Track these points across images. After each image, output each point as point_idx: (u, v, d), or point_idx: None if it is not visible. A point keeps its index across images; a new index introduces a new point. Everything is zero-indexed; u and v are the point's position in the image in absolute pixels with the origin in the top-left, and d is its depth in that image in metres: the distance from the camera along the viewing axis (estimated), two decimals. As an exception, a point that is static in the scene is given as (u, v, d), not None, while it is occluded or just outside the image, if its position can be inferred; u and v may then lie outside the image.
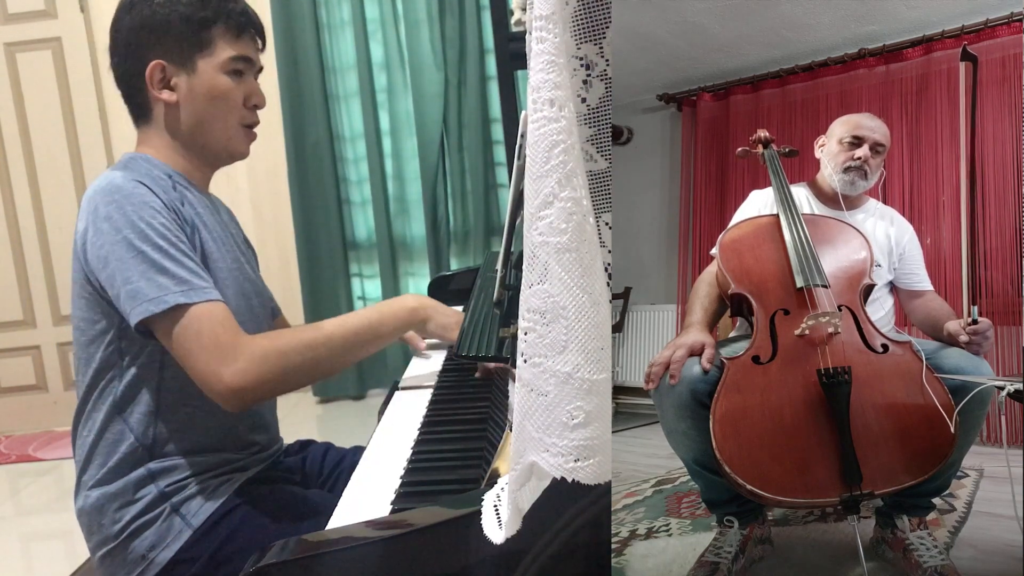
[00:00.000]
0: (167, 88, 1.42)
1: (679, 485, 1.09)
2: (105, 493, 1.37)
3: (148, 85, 1.41)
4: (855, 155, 1.09)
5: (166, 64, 1.41)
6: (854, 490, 0.91)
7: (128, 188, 1.30)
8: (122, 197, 1.29)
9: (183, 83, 1.42)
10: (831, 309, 0.99)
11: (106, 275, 1.29)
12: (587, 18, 0.77)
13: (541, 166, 0.71)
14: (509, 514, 0.78)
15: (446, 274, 2.22)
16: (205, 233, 1.40)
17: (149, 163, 1.42)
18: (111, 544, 1.37)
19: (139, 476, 1.37)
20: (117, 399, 1.37)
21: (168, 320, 1.26)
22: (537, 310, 0.71)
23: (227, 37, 1.43)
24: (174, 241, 1.29)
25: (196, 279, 1.28)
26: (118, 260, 1.27)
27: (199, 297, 1.27)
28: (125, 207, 1.28)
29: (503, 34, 2.48)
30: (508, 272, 1.64)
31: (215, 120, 1.44)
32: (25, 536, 3.09)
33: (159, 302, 1.25)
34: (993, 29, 1.07)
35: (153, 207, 1.30)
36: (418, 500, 1.02)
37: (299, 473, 1.60)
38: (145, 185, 1.31)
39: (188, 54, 1.41)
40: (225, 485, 1.41)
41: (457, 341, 1.51)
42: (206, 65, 1.42)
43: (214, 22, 1.42)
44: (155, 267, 1.26)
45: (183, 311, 1.26)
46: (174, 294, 1.26)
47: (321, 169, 3.80)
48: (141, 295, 1.26)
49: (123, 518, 1.36)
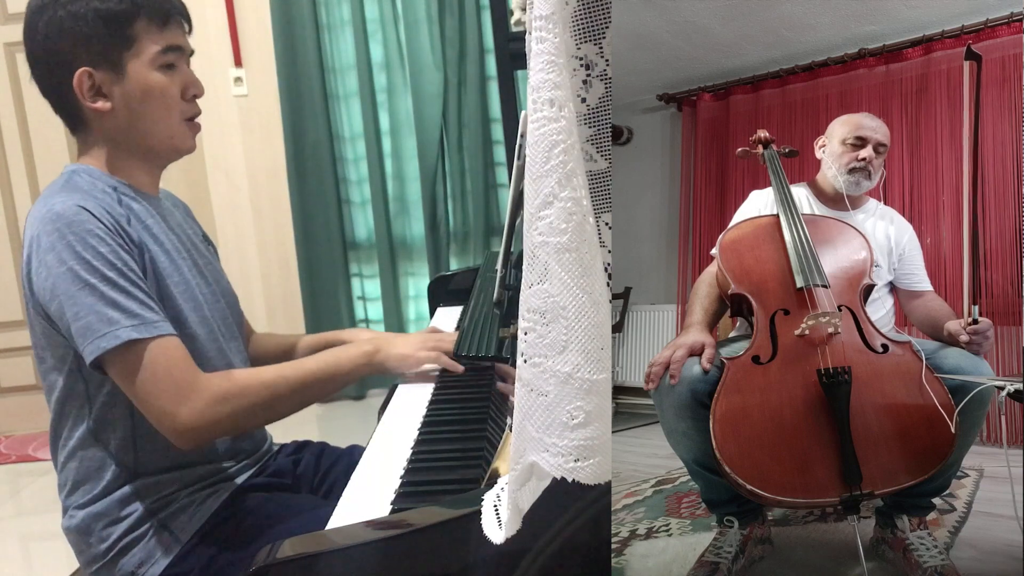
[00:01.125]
0: (99, 96, 1.33)
1: (679, 485, 1.09)
2: (91, 513, 1.34)
3: (78, 95, 1.32)
4: (860, 156, 1.09)
5: (93, 71, 1.31)
6: (854, 490, 0.91)
7: (69, 215, 1.23)
8: (64, 225, 1.22)
9: (115, 88, 1.32)
10: (831, 309, 0.99)
11: (55, 308, 1.24)
12: (587, 18, 0.77)
13: (541, 166, 0.71)
14: (509, 514, 0.78)
15: (446, 274, 2.22)
16: (155, 247, 1.33)
17: (91, 176, 1.34)
18: (99, 563, 1.34)
19: (124, 495, 1.33)
20: (92, 427, 1.33)
21: (121, 357, 1.22)
22: (537, 310, 0.71)
23: (151, 29, 1.33)
24: (122, 269, 1.23)
25: (147, 312, 1.23)
26: (65, 294, 1.21)
27: (151, 332, 1.22)
28: (67, 236, 1.22)
29: (503, 34, 2.48)
30: (508, 272, 1.64)
31: (155, 120, 1.35)
32: (25, 536, 3.09)
33: (111, 337, 1.20)
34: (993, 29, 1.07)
35: (98, 234, 1.23)
36: (418, 500, 1.01)
37: (290, 476, 1.56)
38: (87, 210, 1.24)
39: (114, 56, 1.31)
40: (212, 497, 1.38)
41: (456, 341, 1.51)
42: (135, 64, 1.32)
43: (135, 16, 1.31)
44: (104, 300, 1.21)
45: (136, 347, 1.21)
46: (125, 328, 1.21)
47: (321, 169, 3.80)
48: (92, 331, 1.21)
49: (110, 536, 1.33)
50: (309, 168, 3.80)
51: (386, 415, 1.37)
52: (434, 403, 1.37)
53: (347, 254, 3.93)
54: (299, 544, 0.87)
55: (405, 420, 1.32)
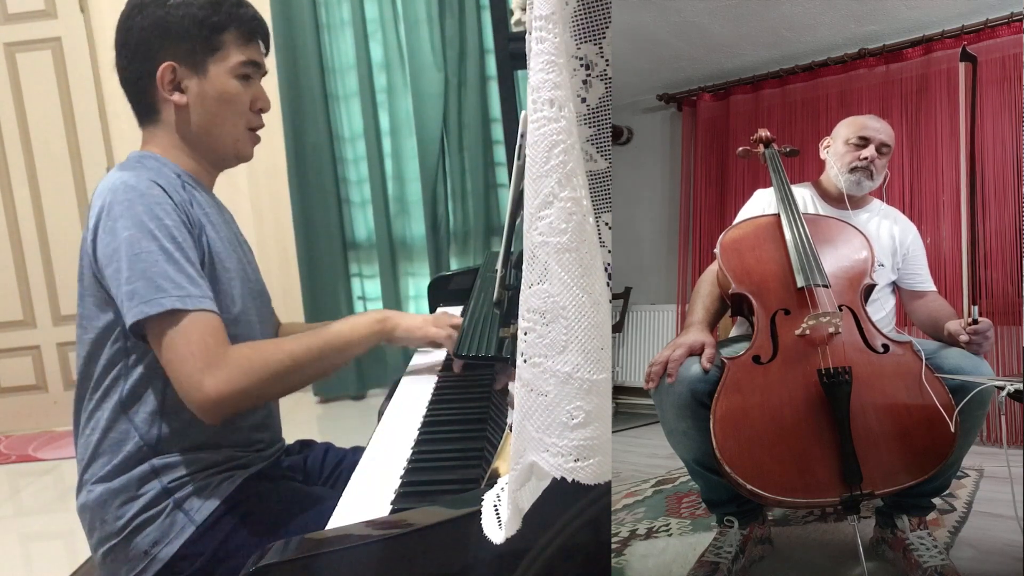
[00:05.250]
0: (177, 90, 1.43)
1: (679, 485, 1.09)
2: (108, 489, 1.37)
3: (158, 86, 1.43)
4: (861, 155, 1.10)
5: (177, 66, 1.42)
6: (854, 490, 0.91)
7: (142, 187, 1.32)
8: (136, 196, 1.31)
9: (193, 85, 1.43)
10: (832, 309, 0.99)
11: (111, 271, 1.30)
12: (587, 18, 0.77)
13: (541, 166, 0.71)
14: (509, 514, 0.78)
15: (446, 274, 2.22)
16: (213, 233, 1.41)
17: (159, 162, 1.43)
18: (113, 540, 1.37)
19: (142, 472, 1.37)
20: (123, 398, 1.38)
21: (161, 323, 1.27)
22: (537, 310, 0.71)
23: (238, 42, 1.46)
24: (181, 243, 1.31)
25: (194, 287, 1.29)
26: (124, 259, 1.28)
27: (194, 305, 1.28)
28: (137, 206, 1.30)
29: (503, 34, 2.48)
30: (508, 272, 1.64)
31: (224, 123, 1.46)
32: (25, 536, 3.09)
33: (154, 304, 1.26)
34: (993, 29, 1.07)
35: (165, 208, 1.31)
36: (418, 500, 1.01)
37: (301, 472, 1.60)
38: (159, 185, 1.33)
39: (200, 57, 1.43)
40: (227, 482, 1.41)
41: (456, 341, 1.51)
42: (217, 69, 1.44)
43: (226, 27, 1.44)
44: (157, 268, 1.27)
45: (177, 316, 1.27)
46: (171, 298, 1.27)
47: (321, 169, 3.80)
48: (138, 296, 1.27)
49: (126, 514, 1.36)
50: (309, 168, 3.80)
51: (386, 415, 1.38)
52: (434, 403, 1.37)
53: (347, 254, 3.93)
54: (299, 544, 0.87)
55: (405, 420, 1.32)
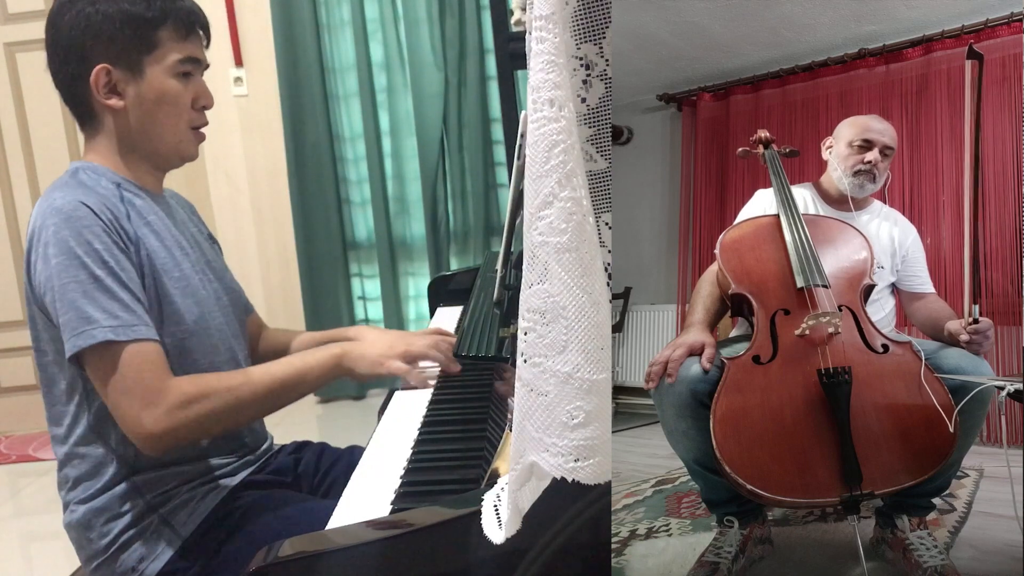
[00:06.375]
0: (113, 93, 1.35)
1: (679, 485, 1.09)
2: (91, 508, 1.34)
3: (93, 90, 1.35)
4: (865, 159, 1.09)
5: (111, 68, 1.34)
6: (854, 490, 0.91)
7: (68, 210, 1.26)
8: (62, 220, 1.25)
9: (130, 88, 1.36)
10: (831, 309, 0.99)
11: (48, 300, 1.26)
12: (587, 18, 0.77)
13: (541, 166, 0.71)
14: (509, 514, 0.78)
15: (446, 274, 2.22)
16: (155, 243, 1.35)
17: (95, 173, 1.37)
18: (100, 558, 1.35)
19: (124, 490, 1.34)
20: (92, 422, 1.33)
21: (95, 356, 1.24)
22: (537, 310, 0.71)
23: (175, 38, 1.37)
24: (112, 268, 1.25)
25: (127, 314, 1.25)
26: (56, 288, 1.24)
27: (128, 335, 1.23)
28: (64, 231, 1.25)
29: (503, 34, 2.48)
30: (508, 272, 1.64)
31: (164, 125, 1.38)
32: (25, 536, 3.09)
33: (86, 336, 1.22)
34: (993, 29, 1.07)
35: (94, 231, 1.26)
36: (418, 500, 1.01)
37: (291, 474, 1.56)
38: (86, 206, 1.27)
39: (135, 58, 1.35)
40: (213, 493, 1.38)
41: (456, 341, 1.51)
42: (154, 69, 1.36)
43: (162, 23, 1.35)
44: (87, 297, 1.23)
45: (111, 348, 1.23)
46: (102, 329, 1.22)
47: (321, 169, 3.80)
48: (71, 327, 1.23)
49: (111, 531, 1.33)
50: (309, 168, 3.80)
51: (386, 415, 1.37)
52: (434, 403, 1.37)
53: (347, 254, 3.93)
54: (299, 544, 0.87)
55: (405, 420, 1.32)
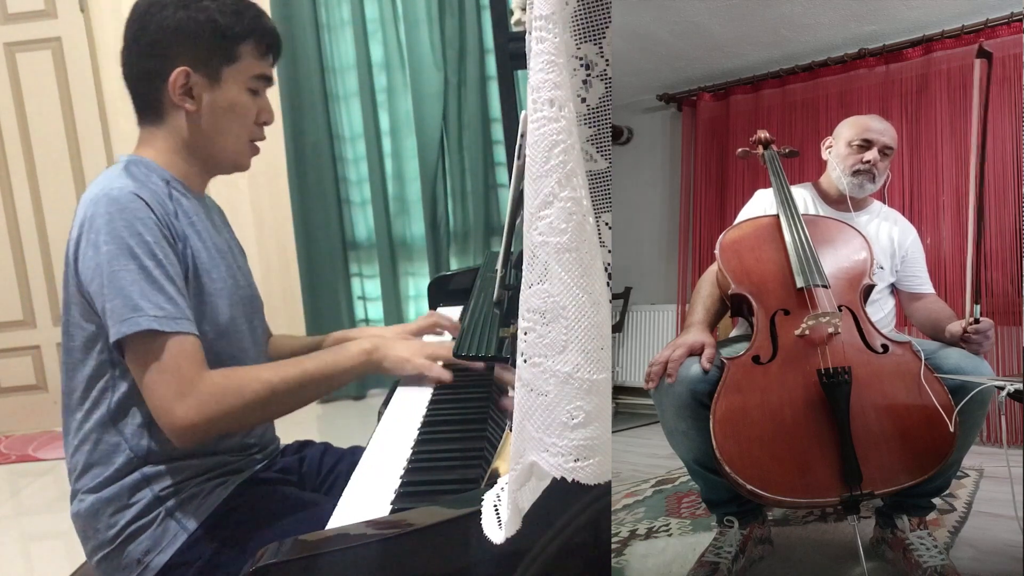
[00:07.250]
0: (188, 96, 1.40)
1: (679, 485, 1.09)
2: (100, 498, 1.36)
3: (169, 90, 1.39)
4: (864, 159, 1.09)
5: (191, 72, 1.39)
6: (854, 490, 0.92)
7: (124, 200, 1.29)
8: (116, 210, 1.28)
9: (205, 94, 1.40)
10: (831, 309, 0.99)
11: (95, 287, 1.28)
12: (587, 18, 0.77)
13: (541, 166, 0.71)
14: (509, 514, 0.78)
15: (446, 274, 2.22)
16: (198, 243, 1.38)
17: (148, 168, 1.39)
18: (106, 549, 1.36)
19: (133, 481, 1.36)
20: (111, 411, 1.36)
21: (138, 344, 1.26)
22: (537, 310, 0.71)
23: (255, 54, 1.43)
24: (161, 260, 1.28)
25: (172, 306, 1.27)
26: (105, 275, 1.26)
27: (172, 327, 1.26)
28: (117, 220, 1.27)
29: (503, 34, 2.48)
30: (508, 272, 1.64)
31: (229, 134, 1.43)
32: (25, 536, 3.09)
33: (131, 323, 1.24)
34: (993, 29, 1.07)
35: (146, 223, 1.29)
36: (418, 500, 1.01)
37: (296, 473, 1.59)
38: (140, 198, 1.30)
39: (216, 66, 1.40)
40: (220, 488, 1.40)
41: (456, 341, 1.51)
42: (231, 79, 1.41)
43: (246, 37, 1.41)
44: (136, 286, 1.26)
45: (153, 337, 1.25)
46: (147, 318, 1.25)
47: (321, 169, 3.80)
48: (116, 314, 1.25)
49: (118, 523, 1.35)
50: (309, 168, 3.80)
51: (386, 415, 1.37)
52: (434, 403, 1.37)
53: (347, 254, 3.93)
54: (299, 544, 0.87)
55: (405, 420, 1.32)
